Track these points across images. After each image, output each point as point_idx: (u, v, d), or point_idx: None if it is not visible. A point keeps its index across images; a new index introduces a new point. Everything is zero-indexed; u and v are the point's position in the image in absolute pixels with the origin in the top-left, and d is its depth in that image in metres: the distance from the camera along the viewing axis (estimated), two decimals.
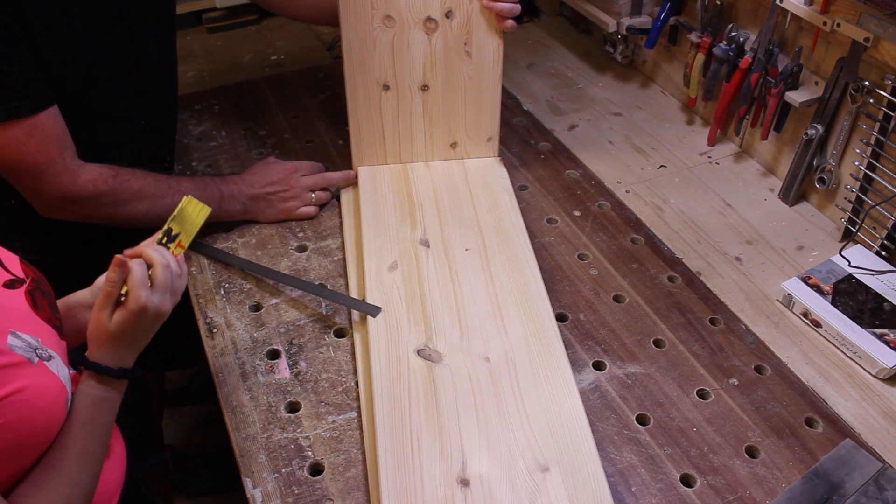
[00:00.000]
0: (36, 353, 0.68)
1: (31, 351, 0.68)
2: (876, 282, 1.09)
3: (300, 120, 1.47)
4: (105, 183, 1.04)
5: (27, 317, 0.71)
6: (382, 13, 1.10)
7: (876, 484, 0.85)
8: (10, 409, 0.64)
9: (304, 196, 1.20)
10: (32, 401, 0.66)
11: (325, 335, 1.05)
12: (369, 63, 1.15)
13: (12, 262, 0.76)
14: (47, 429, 0.70)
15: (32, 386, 0.66)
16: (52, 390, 0.69)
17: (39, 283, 0.77)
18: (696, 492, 0.86)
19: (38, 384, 0.67)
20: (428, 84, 1.17)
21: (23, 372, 0.66)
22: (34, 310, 0.73)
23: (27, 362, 0.67)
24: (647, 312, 1.08)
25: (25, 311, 0.72)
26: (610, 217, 1.25)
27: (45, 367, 0.69)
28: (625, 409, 0.95)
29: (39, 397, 0.67)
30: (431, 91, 1.18)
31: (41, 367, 0.68)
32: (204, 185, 1.13)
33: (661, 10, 1.46)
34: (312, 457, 0.90)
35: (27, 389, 0.66)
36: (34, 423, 0.67)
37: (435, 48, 1.15)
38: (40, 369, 0.68)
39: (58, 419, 0.71)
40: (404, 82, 1.17)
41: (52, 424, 0.70)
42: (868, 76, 1.11)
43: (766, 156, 1.36)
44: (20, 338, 0.68)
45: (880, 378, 1.00)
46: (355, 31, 1.12)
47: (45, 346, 0.70)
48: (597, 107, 1.54)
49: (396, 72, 1.16)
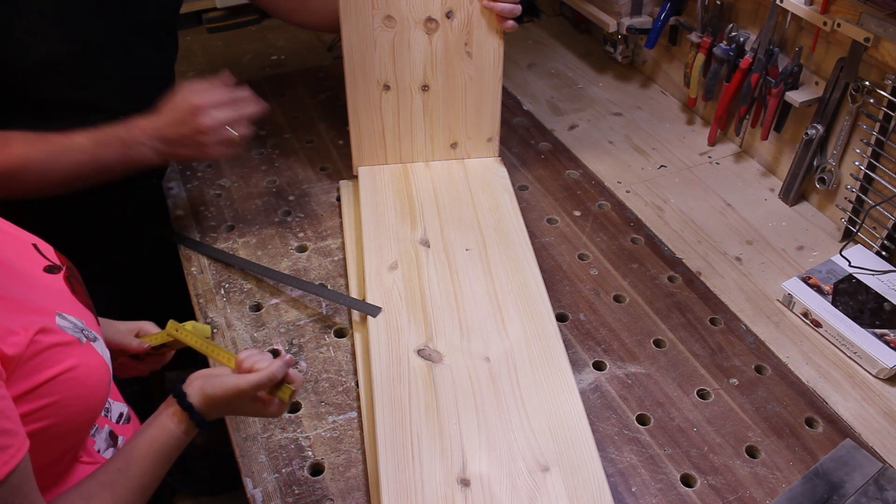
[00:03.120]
0: (83, 333, 0.71)
1: (79, 331, 0.70)
2: (876, 282, 1.09)
3: (300, 120, 1.47)
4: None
5: (70, 300, 0.74)
6: (383, 13, 1.10)
7: (876, 484, 0.85)
8: (64, 385, 0.66)
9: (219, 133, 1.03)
10: (83, 379, 0.68)
11: (325, 335, 1.05)
12: (370, 63, 1.15)
13: (48, 250, 0.79)
14: (94, 407, 0.72)
15: (83, 364, 0.69)
16: (99, 369, 0.71)
17: (73, 271, 0.80)
18: (697, 492, 0.86)
19: (88, 363, 0.70)
20: (428, 84, 1.17)
21: (74, 351, 0.68)
22: (74, 294, 0.75)
23: (76, 342, 0.69)
24: (647, 312, 1.08)
25: (68, 295, 0.75)
26: (610, 217, 1.25)
27: (91, 348, 0.71)
28: (625, 409, 0.95)
29: (89, 375, 0.69)
30: (432, 91, 1.18)
31: (88, 347, 0.71)
32: (102, 137, 1.01)
33: (661, 10, 1.46)
34: (312, 457, 0.90)
35: (78, 368, 0.68)
36: (84, 401, 0.70)
37: (435, 48, 1.15)
38: (88, 349, 0.70)
39: (102, 398, 0.73)
40: (405, 82, 1.17)
41: (98, 402, 0.72)
42: (868, 76, 1.11)
43: (766, 156, 1.36)
44: (67, 319, 0.70)
45: (880, 378, 1.00)
46: (356, 31, 1.12)
47: (89, 328, 0.72)
48: (597, 107, 1.54)
49: (397, 72, 1.16)
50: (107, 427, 0.80)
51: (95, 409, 0.73)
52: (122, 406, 0.85)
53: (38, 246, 0.78)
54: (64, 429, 0.68)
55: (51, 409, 0.65)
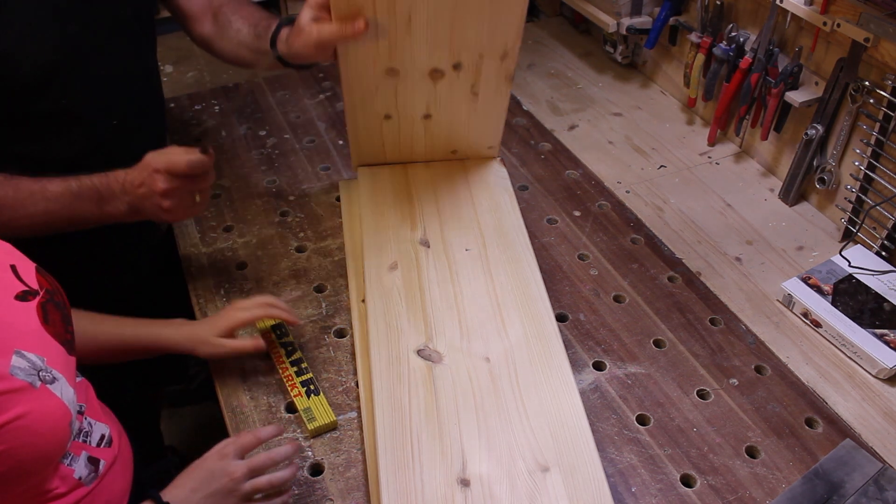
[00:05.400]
0: (39, 375, 0.67)
1: (35, 374, 0.67)
2: (876, 282, 1.09)
3: (300, 120, 1.47)
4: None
5: (35, 333, 0.70)
6: (385, 66, 1.05)
7: (876, 484, 0.85)
8: (11, 435, 0.64)
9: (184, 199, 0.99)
10: (33, 426, 0.66)
11: (325, 335, 1.05)
12: (370, 100, 1.11)
13: (28, 271, 0.74)
14: (48, 453, 0.69)
15: (34, 411, 0.66)
16: (54, 414, 0.68)
17: (53, 294, 0.75)
18: (696, 492, 0.86)
19: (40, 409, 0.66)
20: (431, 114, 1.14)
21: (24, 397, 0.65)
22: (44, 325, 0.71)
23: (29, 387, 0.66)
24: (647, 312, 1.08)
25: (34, 326, 0.70)
26: (610, 217, 1.25)
27: (47, 391, 0.68)
28: (625, 409, 0.95)
29: (41, 422, 0.66)
30: (434, 119, 1.15)
31: (43, 390, 0.67)
32: (78, 188, 0.96)
33: (661, 11, 1.46)
34: (312, 457, 0.90)
35: (28, 415, 0.65)
36: (35, 449, 0.67)
37: (440, 91, 1.11)
38: (43, 393, 0.67)
39: (59, 441, 0.70)
40: (406, 113, 1.14)
41: (54, 448, 0.70)
42: (868, 76, 1.11)
43: (766, 156, 1.36)
44: (25, 357, 0.67)
45: (880, 378, 1.00)
46: (356, 78, 1.07)
47: (49, 367, 0.69)
48: (597, 107, 1.54)
49: (399, 107, 1.13)
50: (84, 453, 0.77)
51: (50, 455, 0.70)
52: (103, 427, 0.82)
53: (16, 267, 0.73)
54: (14, 475, 0.66)
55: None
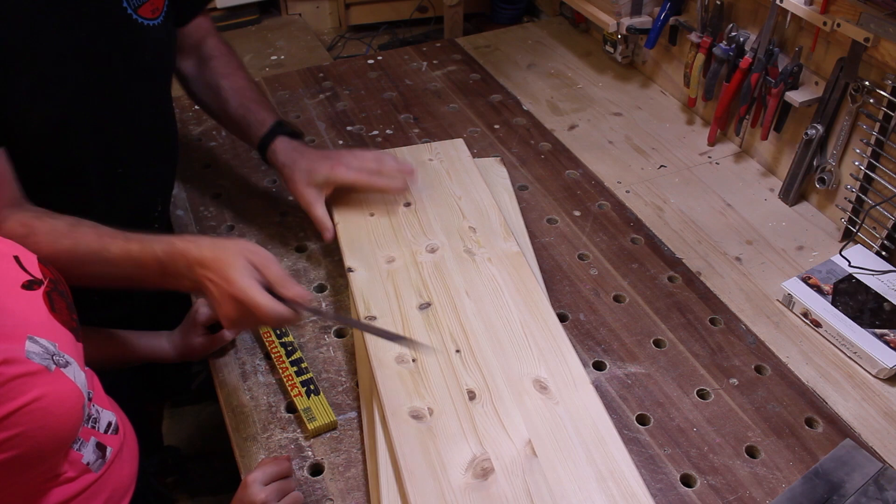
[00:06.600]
0: (53, 359, 0.69)
1: (49, 358, 0.68)
2: (876, 282, 1.09)
3: (300, 120, 1.47)
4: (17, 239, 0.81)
5: (45, 321, 0.71)
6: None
7: (876, 484, 0.85)
8: (29, 417, 0.65)
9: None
10: (50, 408, 0.67)
11: (325, 335, 1.05)
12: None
13: (31, 262, 0.75)
14: (63, 435, 0.70)
15: (50, 394, 0.67)
16: (70, 397, 0.69)
17: (57, 283, 0.77)
18: (697, 492, 0.86)
19: (56, 391, 0.68)
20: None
21: (40, 380, 0.66)
22: (52, 313, 0.72)
23: (44, 370, 0.67)
24: (647, 312, 1.08)
25: (43, 314, 0.71)
26: (610, 217, 1.25)
27: (62, 374, 0.69)
28: (625, 409, 0.95)
29: (57, 404, 0.68)
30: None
31: (58, 373, 0.69)
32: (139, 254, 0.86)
33: (661, 10, 1.46)
34: (312, 457, 0.90)
35: (45, 398, 0.66)
36: (51, 431, 0.68)
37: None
38: (57, 376, 0.68)
39: (73, 425, 0.71)
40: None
41: (68, 430, 0.71)
42: (868, 76, 1.11)
43: (766, 156, 1.36)
44: (38, 343, 0.68)
45: (880, 378, 1.00)
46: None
47: (61, 352, 0.70)
48: (597, 107, 1.54)
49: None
50: (93, 439, 0.78)
51: (65, 437, 0.71)
52: (110, 415, 0.83)
53: (19, 258, 0.74)
54: (31, 458, 0.67)
55: (15, 441, 0.64)
